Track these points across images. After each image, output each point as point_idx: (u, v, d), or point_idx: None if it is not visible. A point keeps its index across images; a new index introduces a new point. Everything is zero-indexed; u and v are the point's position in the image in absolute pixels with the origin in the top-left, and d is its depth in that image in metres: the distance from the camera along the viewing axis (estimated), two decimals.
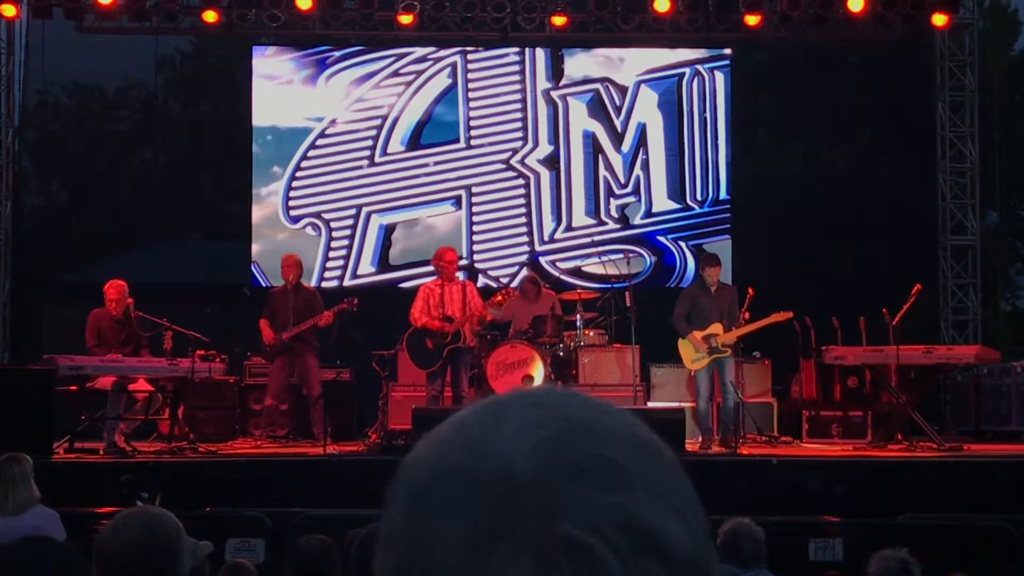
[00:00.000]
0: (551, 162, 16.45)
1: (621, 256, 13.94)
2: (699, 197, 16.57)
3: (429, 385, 12.24)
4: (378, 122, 16.44)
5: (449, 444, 0.91)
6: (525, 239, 16.47)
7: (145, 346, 11.94)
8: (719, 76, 16.69)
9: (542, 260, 16.06)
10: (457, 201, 16.45)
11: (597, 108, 16.60)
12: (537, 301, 13.35)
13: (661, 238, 16.50)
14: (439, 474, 0.89)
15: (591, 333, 13.37)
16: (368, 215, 16.36)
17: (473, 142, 16.51)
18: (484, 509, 0.86)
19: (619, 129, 16.56)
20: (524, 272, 15.29)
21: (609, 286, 13.75)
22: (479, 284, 14.45)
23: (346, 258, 16.33)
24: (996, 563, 8.04)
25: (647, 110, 16.60)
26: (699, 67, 16.69)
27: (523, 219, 16.50)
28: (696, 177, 16.59)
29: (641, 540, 0.86)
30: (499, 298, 12.41)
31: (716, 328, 12.02)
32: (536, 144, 16.52)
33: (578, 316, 13.22)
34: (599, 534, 0.85)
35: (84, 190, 21.23)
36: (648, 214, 16.54)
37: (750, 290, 12.83)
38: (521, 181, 16.52)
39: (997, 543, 8.66)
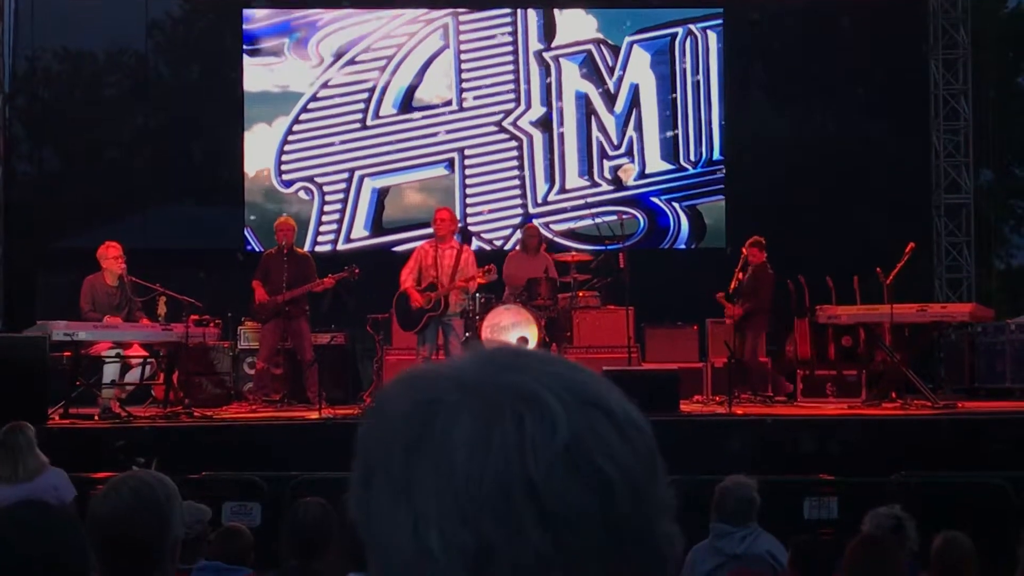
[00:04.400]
0: (544, 124, 16.41)
1: (615, 217, 13.90)
2: (692, 158, 16.54)
3: (419, 347, 12.18)
4: (370, 85, 16.36)
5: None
6: (519, 201, 16.43)
7: (139, 311, 11.90)
8: (712, 36, 16.62)
9: (536, 222, 16.01)
10: (450, 164, 16.39)
11: (590, 69, 16.53)
12: (537, 255, 13.27)
13: (655, 199, 16.48)
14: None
15: (585, 295, 13.35)
16: (361, 178, 16.31)
17: (465, 104, 16.44)
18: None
19: (612, 90, 16.50)
20: (518, 234, 15.10)
21: (603, 248, 13.73)
22: (473, 247, 14.37)
23: (339, 222, 16.29)
24: (990, 520, 8.07)
25: (640, 71, 16.53)
26: (692, 27, 16.61)
27: (516, 181, 16.46)
28: (689, 137, 16.55)
29: (584, 396, 0.93)
30: (482, 272, 12.22)
31: None
32: (528, 106, 16.46)
33: (572, 278, 13.19)
34: (543, 385, 0.92)
35: (76, 156, 21.09)
36: (641, 175, 16.50)
37: (744, 251, 12.88)
38: (514, 143, 16.47)
39: (991, 500, 8.70)
